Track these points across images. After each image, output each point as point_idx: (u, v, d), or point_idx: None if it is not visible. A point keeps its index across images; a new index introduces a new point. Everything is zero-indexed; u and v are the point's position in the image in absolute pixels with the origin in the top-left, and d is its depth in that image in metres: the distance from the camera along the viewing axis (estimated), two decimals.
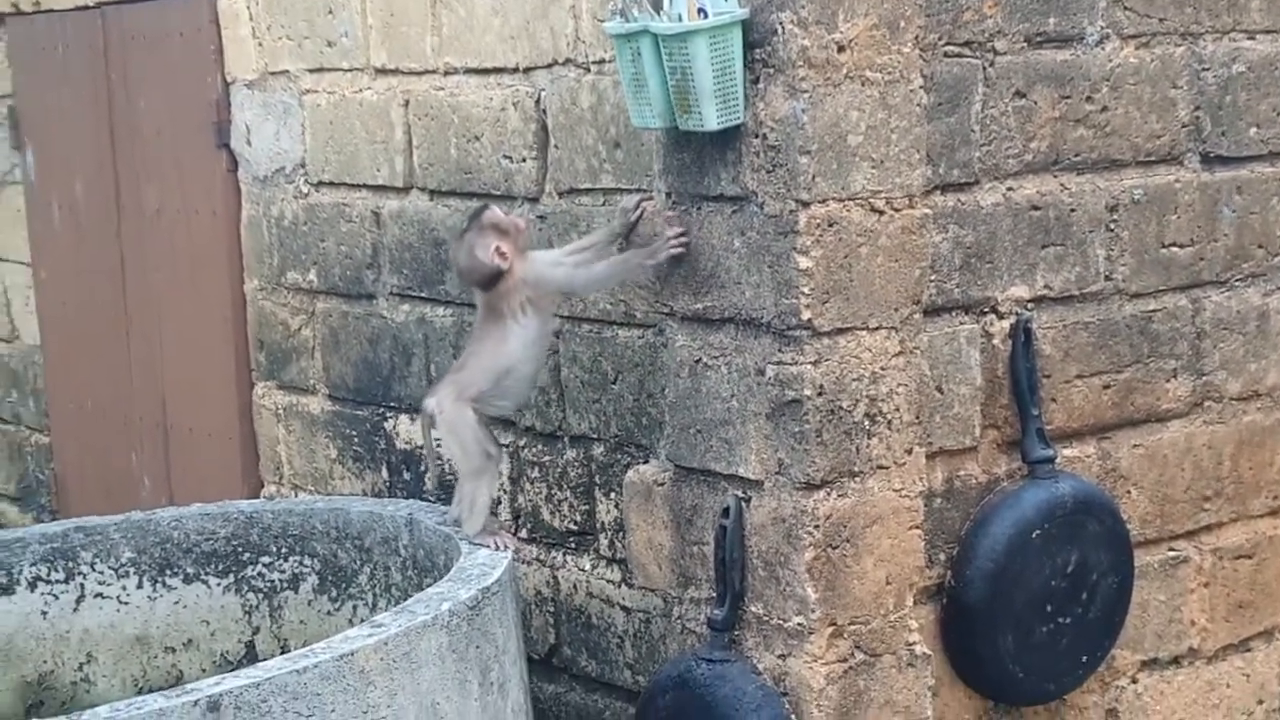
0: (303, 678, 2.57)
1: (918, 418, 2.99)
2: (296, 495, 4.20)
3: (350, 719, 2.60)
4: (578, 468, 3.50)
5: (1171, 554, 3.47)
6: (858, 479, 2.92)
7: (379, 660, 2.66)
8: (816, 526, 2.89)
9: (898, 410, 2.95)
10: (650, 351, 3.28)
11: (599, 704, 3.52)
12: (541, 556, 3.62)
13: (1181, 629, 3.50)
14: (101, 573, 3.46)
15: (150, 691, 3.01)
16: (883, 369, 2.93)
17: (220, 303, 4.32)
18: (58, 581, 3.43)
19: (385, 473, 3.97)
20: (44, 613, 3.43)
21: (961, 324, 3.13)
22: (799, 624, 2.92)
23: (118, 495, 4.71)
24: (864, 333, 2.90)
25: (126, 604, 3.47)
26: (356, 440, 4.04)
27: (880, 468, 2.95)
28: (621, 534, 3.38)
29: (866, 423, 2.92)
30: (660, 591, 3.23)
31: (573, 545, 3.55)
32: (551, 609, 3.61)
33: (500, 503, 3.67)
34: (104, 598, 3.46)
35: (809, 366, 2.86)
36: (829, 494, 2.90)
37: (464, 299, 3.66)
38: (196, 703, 2.47)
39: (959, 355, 3.13)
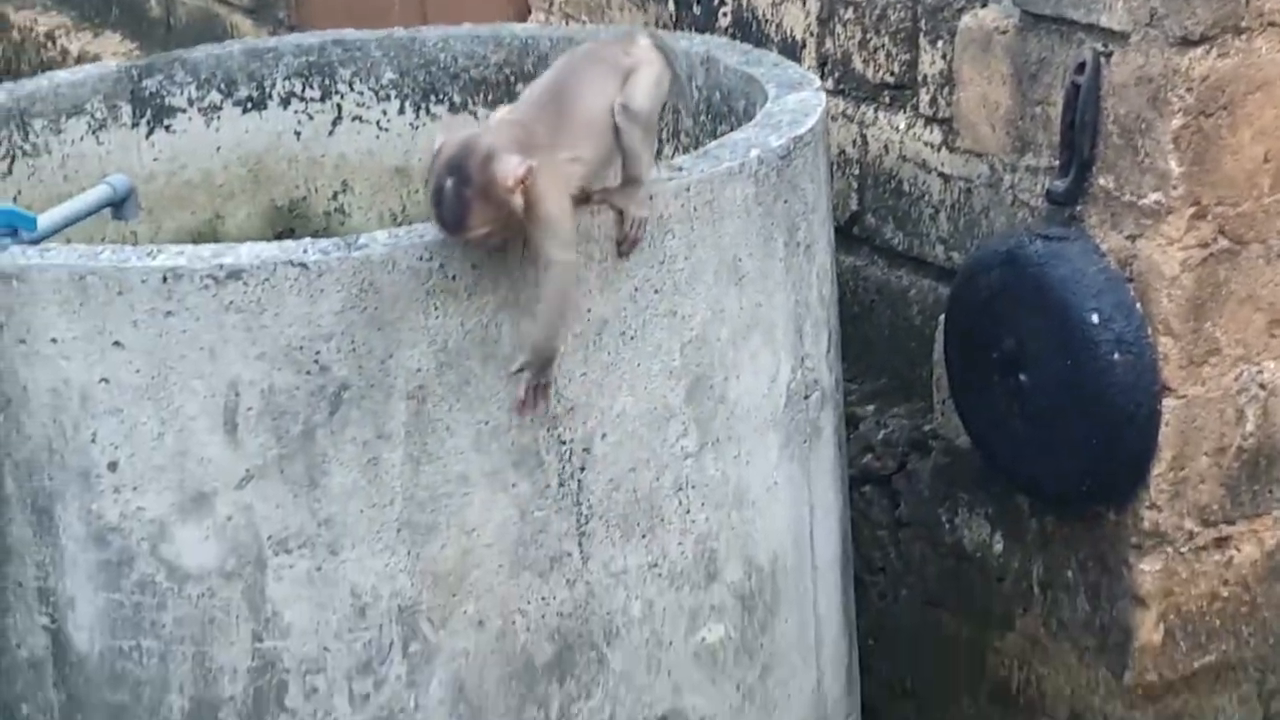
0: None
1: None
2: (567, 26, 4.25)
3: (645, 268, 2.69)
4: (900, 10, 3.47)
5: None
6: (1244, 37, 2.86)
7: (679, 208, 2.73)
8: (1189, 89, 2.85)
9: None
10: None
11: (904, 281, 3.58)
12: (849, 111, 3.63)
13: None
14: (360, 94, 3.57)
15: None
16: None
17: None
18: (313, 100, 3.55)
19: (671, 5, 3.97)
20: (297, 133, 3.57)
21: None
22: (1156, 201, 2.92)
23: (361, 14, 4.79)
24: None
25: (386, 130, 3.59)
26: None
27: (1271, 25, 2.88)
28: (947, 89, 3.36)
29: None
30: (990, 157, 3.24)
31: (887, 100, 3.55)
32: (856, 172, 3.64)
33: (804, 46, 3.67)
34: (363, 121, 3.58)
35: None
36: (1208, 52, 2.85)
37: None
38: None
39: None
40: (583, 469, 2.70)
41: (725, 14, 3.74)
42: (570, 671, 2.74)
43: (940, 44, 3.38)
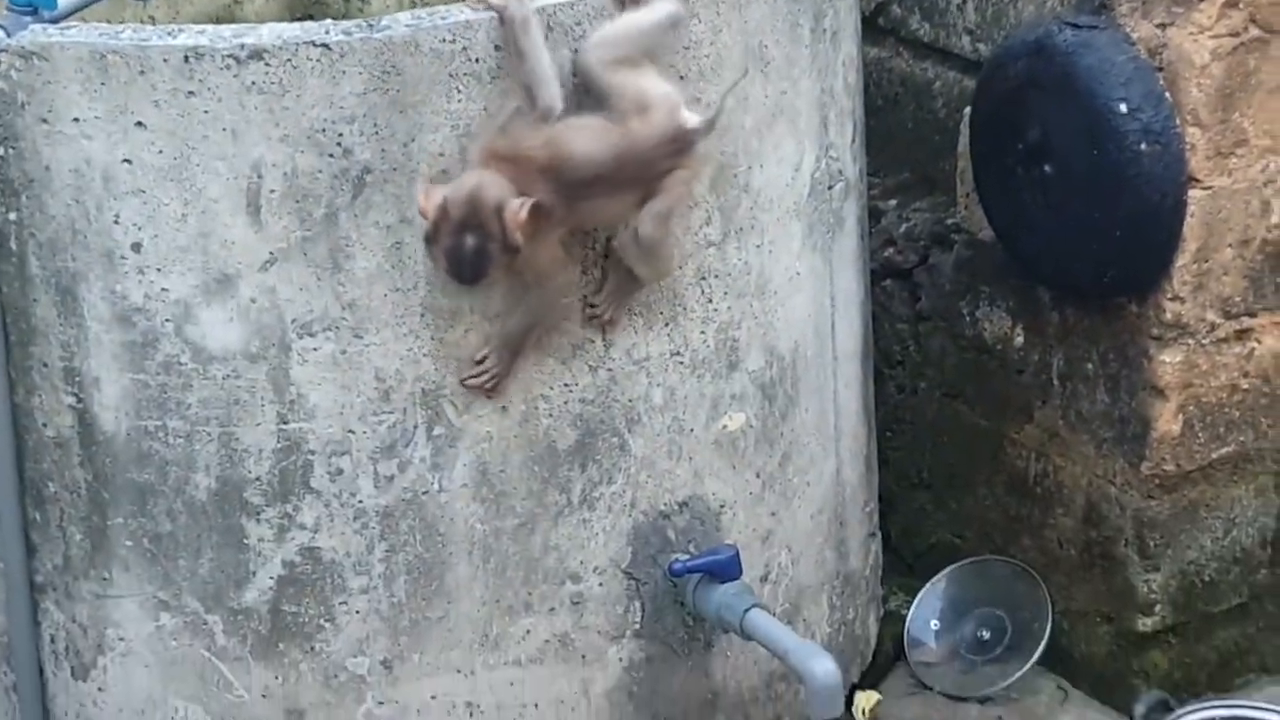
0: None
1: None
2: None
3: (669, 53, 2.65)
4: None
5: None
6: None
7: None
8: None
9: None
10: None
11: (929, 73, 3.55)
12: None
13: None
14: None
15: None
16: None
17: None
18: None
19: None
20: None
21: None
22: None
23: None
24: None
25: None
26: None
27: None
28: None
29: None
30: None
31: None
32: None
33: None
34: None
35: None
36: None
37: None
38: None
39: None
40: (605, 256, 2.69)
41: None
42: (592, 457, 2.75)
43: None
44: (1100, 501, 3.20)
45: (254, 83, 2.48)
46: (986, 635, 3.39)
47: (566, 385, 2.71)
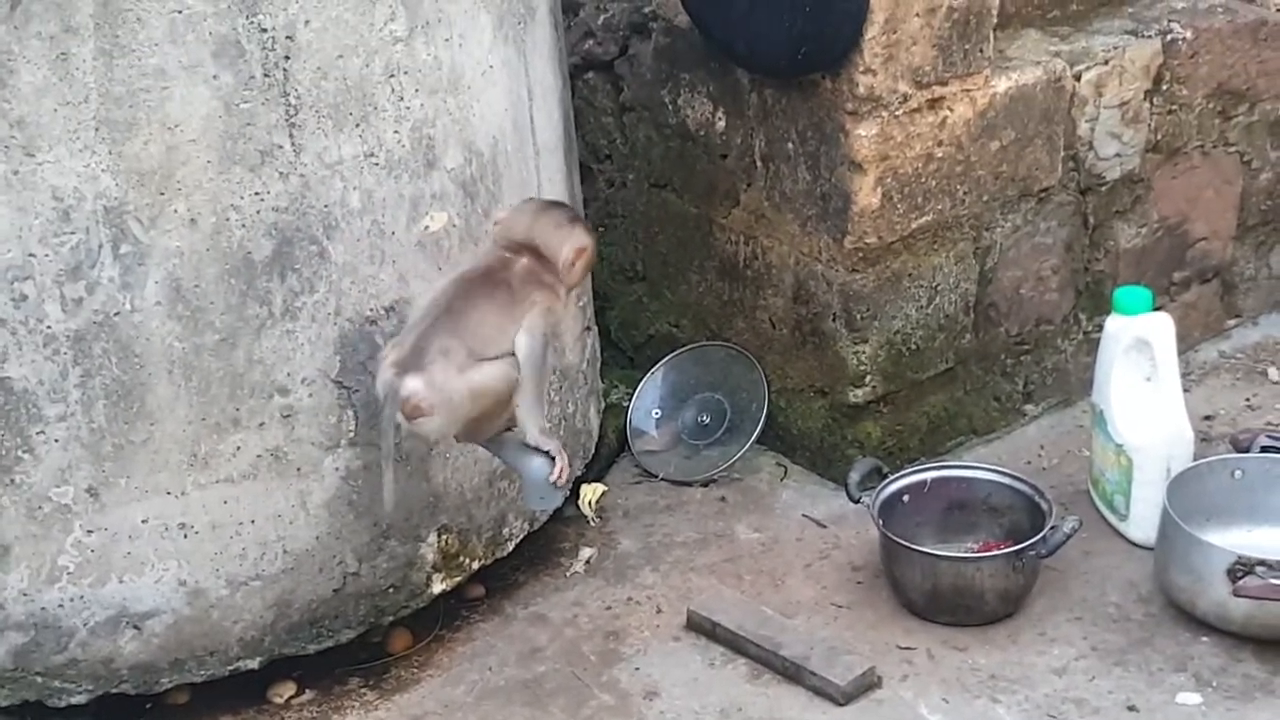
0: None
1: None
2: None
3: None
4: None
5: None
6: None
7: None
8: None
9: None
10: None
11: None
12: None
13: None
14: None
15: None
16: None
17: None
18: None
19: None
20: None
21: None
22: None
23: None
24: None
25: None
26: None
27: None
28: None
29: None
30: None
31: None
32: None
33: None
34: None
35: None
36: None
37: None
38: None
39: None
40: (287, 58, 2.57)
41: None
42: (290, 266, 2.65)
43: None
44: (808, 279, 3.19)
45: None
46: (707, 419, 3.38)
47: (258, 194, 2.60)
